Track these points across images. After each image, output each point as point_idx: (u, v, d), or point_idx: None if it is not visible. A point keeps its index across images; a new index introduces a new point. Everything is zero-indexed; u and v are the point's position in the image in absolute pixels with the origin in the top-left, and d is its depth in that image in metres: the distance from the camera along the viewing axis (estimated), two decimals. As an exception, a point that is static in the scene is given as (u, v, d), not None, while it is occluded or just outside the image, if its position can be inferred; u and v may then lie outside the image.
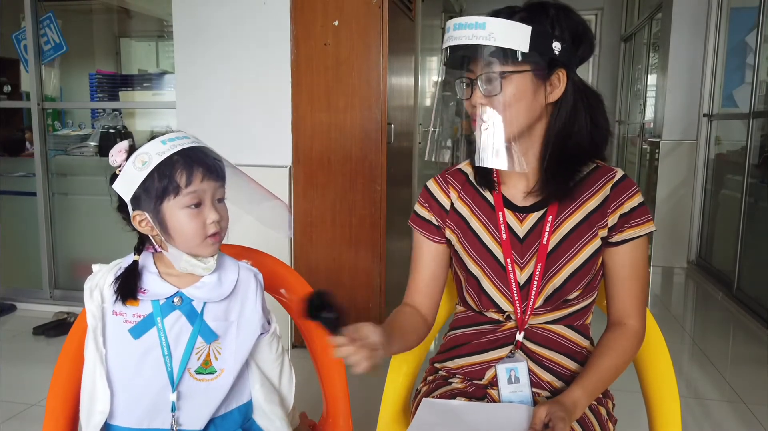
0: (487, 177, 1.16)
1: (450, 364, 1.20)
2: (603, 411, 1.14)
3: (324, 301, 0.94)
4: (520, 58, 1.00)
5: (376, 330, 0.97)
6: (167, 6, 2.89)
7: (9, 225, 3.59)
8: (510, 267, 1.12)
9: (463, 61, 1.05)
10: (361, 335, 0.94)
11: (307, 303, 0.94)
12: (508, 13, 1.03)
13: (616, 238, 1.10)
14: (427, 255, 1.21)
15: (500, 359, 1.14)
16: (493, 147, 1.03)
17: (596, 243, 1.10)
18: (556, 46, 1.02)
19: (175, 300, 1.02)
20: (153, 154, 0.97)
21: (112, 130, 3.61)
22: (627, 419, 1.41)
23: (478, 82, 1.03)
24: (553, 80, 1.05)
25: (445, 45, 1.04)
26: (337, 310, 0.93)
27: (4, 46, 3.61)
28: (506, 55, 1.00)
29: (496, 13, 1.03)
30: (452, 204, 1.19)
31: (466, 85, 1.06)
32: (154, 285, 1.02)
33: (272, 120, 2.77)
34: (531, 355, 1.13)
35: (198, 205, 0.99)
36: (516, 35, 0.99)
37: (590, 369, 1.08)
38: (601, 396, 1.16)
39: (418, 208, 1.22)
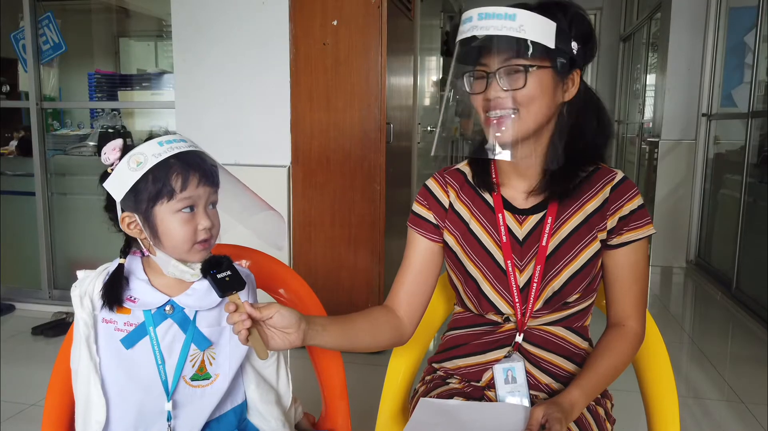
0: (486, 179, 1.15)
1: (448, 365, 1.20)
2: (601, 411, 1.14)
3: (218, 262, 0.96)
4: (546, 54, 0.98)
5: (288, 314, 0.96)
6: (166, 6, 2.89)
7: (8, 225, 3.58)
8: (510, 269, 1.11)
9: (480, 52, 1.01)
10: (263, 313, 0.94)
11: (202, 263, 0.97)
12: (527, 9, 1.00)
13: (615, 241, 1.10)
14: (419, 252, 1.19)
15: (498, 360, 1.13)
16: (507, 141, 1.01)
17: (596, 245, 1.10)
18: (574, 46, 1.01)
19: (167, 308, 1.00)
20: (149, 155, 0.94)
21: (111, 130, 3.61)
22: (626, 419, 1.40)
23: (499, 75, 0.99)
24: (570, 79, 1.05)
25: (469, 34, 0.98)
26: (228, 270, 0.96)
27: (2, 46, 3.60)
28: (534, 48, 0.97)
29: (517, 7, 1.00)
30: (451, 204, 1.18)
31: (477, 77, 1.02)
32: (144, 293, 1.00)
33: (271, 119, 2.77)
34: (529, 357, 1.12)
35: (191, 209, 0.97)
36: (544, 30, 0.97)
37: (589, 370, 1.07)
38: (599, 396, 1.16)
39: (417, 207, 1.20)
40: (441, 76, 4.62)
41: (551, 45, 0.97)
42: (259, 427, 1.09)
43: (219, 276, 0.95)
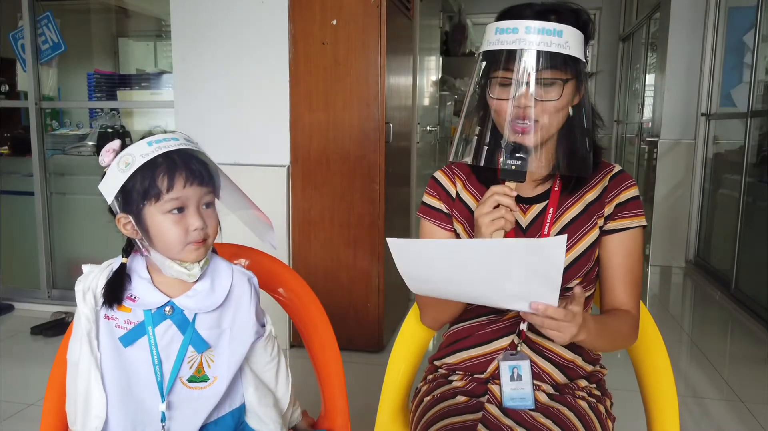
0: (488, 174, 1.17)
1: (451, 359, 1.21)
2: (602, 408, 1.15)
3: (525, 150, 1.02)
4: (578, 65, 1.02)
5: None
6: (165, 5, 2.89)
7: (7, 224, 3.58)
8: None
9: (513, 59, 0.99)
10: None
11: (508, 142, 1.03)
12: (540, 13, 1.01)
13: (609, 226, 1.13)
14: None
15: (503, 349, 1.14)
16: (533, 146, 1.03)
17: (595, 232, 1.13)
18: (587, 52, 1.05)
19: (167, 309, 0.99)
20: (137, 155, 0.93)
21: (110, 130, 3.60)
22: (625, 418, 1.41)
23: (535, 86, 0.99)
24: (583, 84, 1.07)
25: (515, 47, 0.97)
26: (520, 161, 1.02)
27: (1, 46, 3.60)
28: (573, 62, 1.00)
29: (540, 14, 1.00)
30: (458, 193, 1.21)
31: (508, 84, 1.02)
32: (145, 292, 0.99)
33: (270, 119, 2.77)
34: (532, 346, 1.14)
35: (181, 209, 0.95)
36: (580, 43, 1.00)
37: (596, 317, 1.08)
38: (599, 394, 1.17)
39: (427, 198, 1.23)
40: (440, 76, 4.62)
41: (583, 57, 1.01)
42: (257, 430, 1.09)
43: (509, 161, 1.01)
